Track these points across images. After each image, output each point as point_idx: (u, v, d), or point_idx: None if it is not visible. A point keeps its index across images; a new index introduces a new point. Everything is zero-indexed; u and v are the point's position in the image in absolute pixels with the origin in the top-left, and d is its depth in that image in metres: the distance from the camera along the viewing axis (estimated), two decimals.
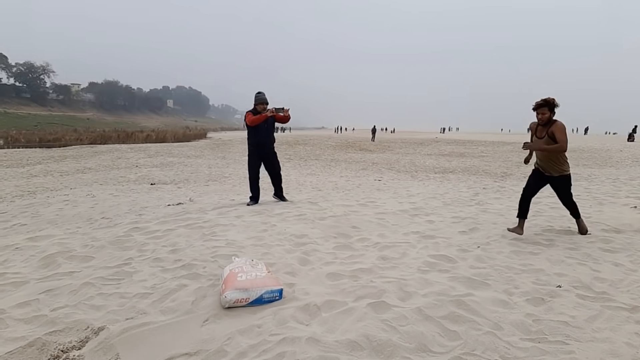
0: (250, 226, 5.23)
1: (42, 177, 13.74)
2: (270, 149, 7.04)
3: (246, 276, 3.08)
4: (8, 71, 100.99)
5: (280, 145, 26.94)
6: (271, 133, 7.04)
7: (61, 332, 2.61)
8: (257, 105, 6.75)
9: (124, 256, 4.15)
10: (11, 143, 32.53)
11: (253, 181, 7.00)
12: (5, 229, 5.81)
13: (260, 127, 6.84)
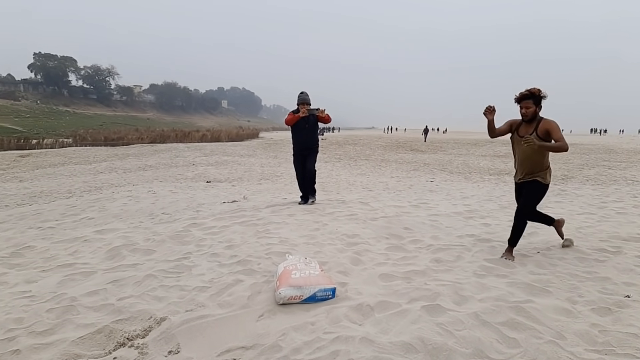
0: (302, 225, 5.30)
1: (107, 173, 14.58)
2: (312, 149, 6.94)
3: (300, 274, 3.13)
4: (77, 74, 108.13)
5: (329, 145, 27.09)
6: (313, 133, 6.92)
7: (127, 321, 2.77)
8: (298, 105, 6.77)
9: (183, 250, 4.33)
10: (79, 141, 34.72)
11: (301, 181, 7.05)
12: (75, 222, 6.22)
13: (301, 127, 6.79)
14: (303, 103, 6.71)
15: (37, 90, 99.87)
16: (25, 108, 79.32)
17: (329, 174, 14.80)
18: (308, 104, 6.73)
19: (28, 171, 15.59)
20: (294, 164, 7.09)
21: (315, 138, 6.97)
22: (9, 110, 73.33)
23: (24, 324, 2.79)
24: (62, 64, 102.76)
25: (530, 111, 3.83)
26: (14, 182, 12.41)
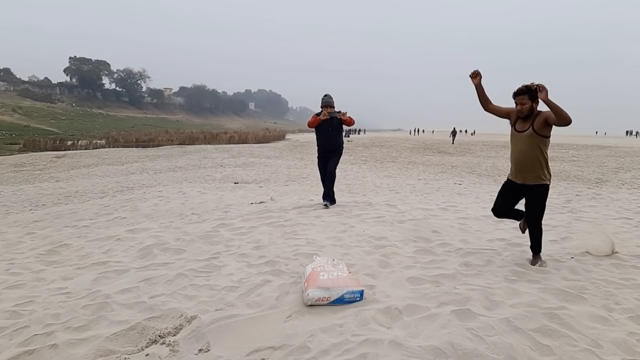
0: (329, 226, 5.30)
1: (138, 174, 14.95)
2: (335, 151, 6.87)
3: (328, 275, 3.13)
4: (110, 77, 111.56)
5: (355, 147, 27.01)
6: (336, 136, 6.85)
7: (158, 319, 2.83)
8: (322, 107, 6.76)
9: (212, 250, 4.40)
10: (111, 143, 35.70)
11: (323, 182, 7.02)
12: (109, 221, 6.40)
13: (325, 129, 6.75)
14: (326, 106, 6.68)
15: (73, 93, 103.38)
16: (61, 110, 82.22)
17: (355, 176, 14.76)
18: (331, 106, 6.69)
19: (64, 171, 16.15)
20: (318, 165, 7.09)
21: (339, 141, 6.91)
22: (45, 112, 76.17)
23: (60, 319, 2.89)
24: (96, 68, 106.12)
25: (526, 107, 3.61)
26: (50, 182, 12.87)
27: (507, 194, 3.97)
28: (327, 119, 6.64)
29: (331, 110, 6.66)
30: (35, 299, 3.31)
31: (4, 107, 71.87)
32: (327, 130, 6.75)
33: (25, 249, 4.99)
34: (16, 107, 74.22)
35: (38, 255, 4.66)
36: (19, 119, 66.98)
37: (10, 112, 70.04)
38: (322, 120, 6.65)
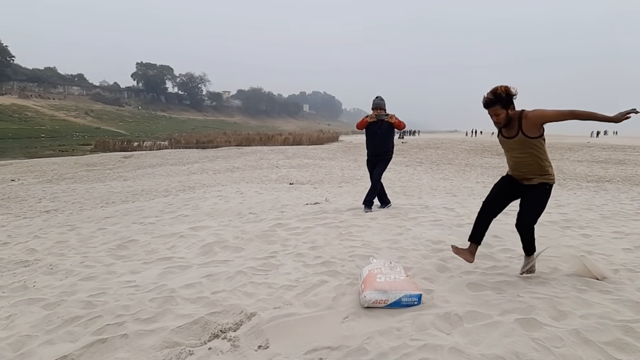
0: (385, 229, 5.26)
1: (199, 174, 15.55)
2: (383, 155, 6.70)
3: (385, 278, 3.10)
4: (173, 81, 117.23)
5: (410, 149, 26.58)
6: (386, 138, 6.66)
7: (220, 314, 2.93)
8: (372, 109, 6.66)
9: (269, 249, 4.50)
10: (174, 144, 37.38)
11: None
12: (172, 218, 6.71)
13: (374, 132, 6.63)
14: (376, 108, 6.56)
15: (139, 97, 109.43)
16: (128, 113, 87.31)
17: (410, 178, 14.53)
18: (381, 108, 6.55)
19: (131, 171, 17.11)
20: (367, 166, 7.00)
21: (388, 145, 6.71)
22: (114, 115, 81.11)
23: (130, 311, 3.06)
24: (160, 72, 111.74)
25: (502, 117, 3.20)
26: (119, 180, 13.68)
27: (504, 189, 3.52)
28: (375, 121, 6.55)
29: (379, 112, 6.56)
30: (107, 291, 3.53)
31: (78, 110, 77.36)
32: (376, 133, 6.63)
33: (97, 243, 5.33)
34: (88, 110, 79.66)
35: (109, 249, 4.97)
36: (90, 121, 71.79)
37: (83, 115, 75.26)
38: (370, 122, 6.59)
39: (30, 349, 2.68)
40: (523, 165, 3.32)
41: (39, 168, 17.86)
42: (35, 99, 79.33)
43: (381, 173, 6.69)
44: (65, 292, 3.59)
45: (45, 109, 72.66)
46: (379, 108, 6.55)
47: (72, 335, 2.80)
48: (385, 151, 6.69)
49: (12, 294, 3.72)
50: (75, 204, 8.85)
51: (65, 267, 4.38)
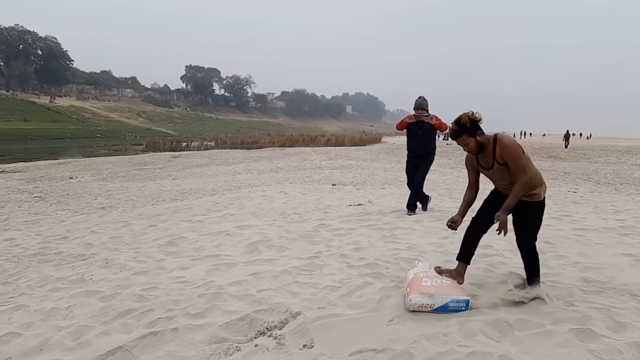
0: (430, 232, 5.17)
1: (244, 174, 15.86)
2: (424, 157, 6.50)
3: (431, 282, 3.05)
4: (220, 83, 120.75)
5: (455, 151, 25.95)
6: (427, 140, 6.46)
7: (266, 312, 2.98)
8: (414, 109, 6.51)
9: (313, 249, 4.53)
10: (220, 144, 38.35)
11: (410, 189, 6.70)
12: (219, 217, 6.88)
13: (415, 133, 6.45)
14: (418, 108, 6.38)
15: (187, 99, 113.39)
16: (177, 115, 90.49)
17: (456, 181, 14.19)
18: (424, 109, 6.37)
19: (179, 170, 17.68)
20: (406, 169, 6.81)
21: (430, 146, 6.52)
22: (164, 116, 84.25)
23: (180, 305, 3.17)
24: (208, 75, 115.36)
25: (472, 146, 3.02)
26: (168, 179, 14.17)
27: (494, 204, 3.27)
28: (415, 122, 6.38)
29: (420, 113, 6.40)
30: (158, 285, 3.67)
31: (130, 112, 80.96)
32: (417, 135, 6.45)
33: (149, 239, 5.55)
34: (140, 111, 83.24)
35: (159, 245, 5.16)
36: (142, 122, 74.93)
37: (136, 116, 78.67)
38: (410, 123, 6.45)
39: (88, 338, 2.83)
40: (509, 190, 3.07)
41: (95, 166, 18.81)
42: (91, 101, 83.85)
43: (424, 176, 6.54)
44: (119, 286, 3.76)
45: (100, 110, 76.60)
46: (420, 108, 6.39)
47: (126, 327, 2.94)
48: (427, 153, 6.52)
49: (71, 286, 3.94)
50: (128, 202, 9.26)
51: (119, 261, 4.59)
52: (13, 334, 2.95)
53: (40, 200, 9.48)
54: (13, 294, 3.83)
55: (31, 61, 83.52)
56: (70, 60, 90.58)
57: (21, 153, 30.75)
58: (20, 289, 3.95)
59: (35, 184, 12.23)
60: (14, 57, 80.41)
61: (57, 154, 30.66)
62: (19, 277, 4.32)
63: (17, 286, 4.05)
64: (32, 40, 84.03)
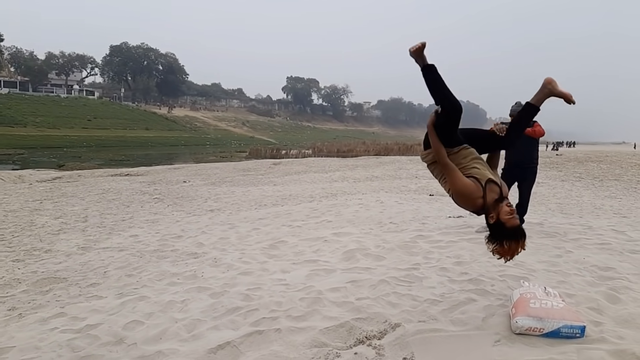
0: (540, 249, 4.80)
1: (340, 182, 16.08)
2: (525, 168, 5.96)
3: (540, 304, 2.83)
4: (318, 93, 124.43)
5: (566, 162, 23.81)
6: (527, 148, 5.88)
7: (364, 320, 3.00)
8: (509, 116, 5.98)
9: (411, 261, 4.44)
10: (317, 152, 39.34)
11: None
12: (317, 223, 7.06)
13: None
14: (512, 115, 5.91)
15: (287, 109, 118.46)
16: (278, 124, 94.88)
17: (568, 194, 13.01)
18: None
19: (279, 177, 18.46)
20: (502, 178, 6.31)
21: (531, 156, 5.97)
22: (266, 125, 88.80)
23: (282, 307, 3.31)
24: (307, 85, 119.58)
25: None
26: (269, 185, 14.86)
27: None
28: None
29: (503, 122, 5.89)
30: (262, 286, 3.86)
31: (236, 121, 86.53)
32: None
33: (253, 241, 5.87)
34: (245, 121, 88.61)
35: (262, 248, 5.43)
36: (246, 131, 79.69)
37: (241, 125, 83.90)
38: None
39: (200, 331, 3.07)
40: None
41: (205, 172, 20.33)
42: (203, 111, 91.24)
43: (530, 190, 6.06)
44: (227, 284, 4.03)
45: (210, 120, 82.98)
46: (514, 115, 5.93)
47: (234, 323, 3.13)
48: (529, 163, 5.98)
49: (185, 281, 4.31)
50: (234, 205, 9.87)
51: (226, 261, 4.92)
52: (137, 322, 3.30)
53: (159, 201, 10.48)
54: (136, 286, 4.29)
55: (153, 75, 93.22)
56: (186, 74, 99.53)
57: (143, 158, 34.39)
58: (143, 282, 4.41)
59: (155, 187, 13.56)
60: (140, 73, 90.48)
61: (172, 159, 33.81)
62: (142, 270, 4.83)
63: (140, 279, 4.52)
64: (155, 56, 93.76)
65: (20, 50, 76.50)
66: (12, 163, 28.69)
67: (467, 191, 2.62)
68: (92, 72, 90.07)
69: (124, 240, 6.29)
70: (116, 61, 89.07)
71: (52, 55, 79.48)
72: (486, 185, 2.63)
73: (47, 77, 78.56)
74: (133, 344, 2.94)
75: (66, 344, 2.98)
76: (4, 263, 5.19)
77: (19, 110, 56.77)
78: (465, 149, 2.77)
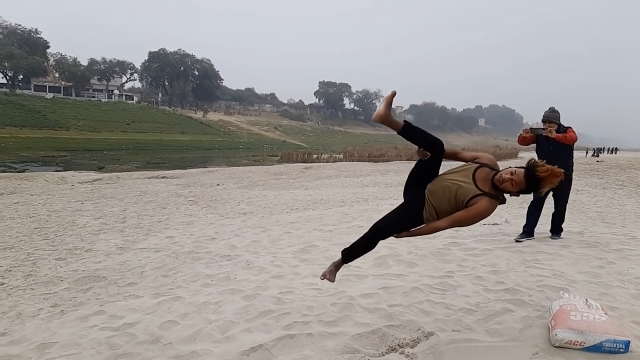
0: (580, 259, 4.63)
1: (371, 187, 15.99)
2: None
3: (581, 317, 2.73)
4: (350, 98, 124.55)
5: (608, 169, 22.86)
6: (561, 156, 5.55)
7: (397, 328, 2.97)
8: (542, 122, 5.73)
9: (445, 268, 4.37)
10: (348, 157, 39.27)
11: (530, 209, 5.96)
12: (348, 228, 7.04)
13: (543, 148, 5.70)
14: (546, 121, 5.63)
15: (319, 113, 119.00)
16: (310, 128, 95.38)
17: (609, 203, 12.46)
18: (551, 122, 5.58)
19: (311, 181, 18.51)
20: None
21: (565, 163, 5.51)
22: (298, 129, 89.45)
23: (314, 312, 3.32)
24: (339, 90, 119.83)
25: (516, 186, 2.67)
26: (301, 189, 14.92)
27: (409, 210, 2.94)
28: (542, 136, 5.58)
29: (533, 127, 5.65)
30: (294, 290, 3.88)
31: (269, 125, 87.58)
32: (548, 150, 5.66)
33: (284, 245, 5.91)
34: (277, 125, 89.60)
35: (294, 252, 5.46)
36: (279, 135, 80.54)
37: (273, 130, 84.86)
38: (538, 137, 5.67)
39: (233, 333, 3.12)
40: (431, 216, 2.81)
41: (238, 175, 20.63)
42: (236, 116, 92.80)
43: (567, 198, 5.86)
44: (259, 287, 4.07)
45: (243, 124, 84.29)
46: (548, 121, 5.63)
47: (266, 326, 3.16)
48: (563, 169, 5.74)
49: (218, 283, 4.38)
50: (266, 209, 9.97)
51: (259, 264, 4.97)
52: (172, 322, 3.38)
53: (193, 203, 10.70)
54: (172, 286, 4.39)
55: (189, 81, 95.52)
56: (220, 79, 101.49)
57: (178, 161, 35.22)
58: (178, 282, 4.51)
59: (190, 189, 13.85)
60: (176, 78, 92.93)
61: (206, 162, 34.50)
62: (177, 271, 4.93)
63: (175, 279, 4.63)
64: (191, 62, 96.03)
65: (65, 57, 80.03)
66: (55, 165, 29.91)
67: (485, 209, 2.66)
68: (132, 78, 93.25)
69: (160, 241, 6.45)
70: (154, 67, 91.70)
71: (94, 62, 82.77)
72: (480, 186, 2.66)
73: (90, 82, 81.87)
74: (168, 344, 3.02)
75: (105, 341, 3.09)
76: (48, 261, 5.41)
77: (63, 114, 59.25)
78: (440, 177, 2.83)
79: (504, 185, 2.60)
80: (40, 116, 56.10)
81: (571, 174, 5.87)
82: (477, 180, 2.64)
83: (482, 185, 2.65)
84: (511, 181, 2.59)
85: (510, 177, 2.59)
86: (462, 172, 2.72)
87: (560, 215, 5.86)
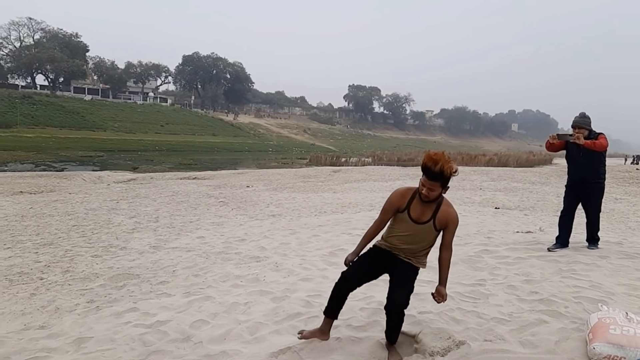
0: (620, 270, 4.45)
1: None
2: (589, 183, 5.43)
3: (621, 330, 2.62)
4: (379, 101, 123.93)
5: None
6: (591, 163, 5.37)
7: (427, 335, 2.93)
8: (572, 127, 5.49)
9: (476, 276, 4.29)
10: (376, 161, 39.10)
11: (561, 219, 5.70)
12: None
13: (573, 155, 5.47)
14: (575, 127, 5.36)
15: (348, 117, 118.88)
16: (338, 132, 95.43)
17: None
18: (581, 128, 5.31)
19: (339, 184, 18.51)
20: (564, 197, 5.78)
21: (595, 171, 5.42)
22: (327, 133, 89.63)
23: (343, 316, 3.27)
24: (369, 94, 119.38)
25: (434, 194, 2.77)
26: (329, 192, 14.94)
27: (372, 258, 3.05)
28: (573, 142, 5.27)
29: (561, 133, 5.45)
30: (322, 294, 3.88)
31: (298, 128, 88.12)
32: (577, 157, 5.43)
33: (312, 248, 5.92)
34: (306, 128, 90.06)
35: (322, 255, 5.47)
36: (308, 138, 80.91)
37: (302, 133, 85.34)
38: (567, 143, 5.46)
39: (262, 334, 3.14)
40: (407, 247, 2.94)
41: (267, 177, 20.85)
42: (266, 118, 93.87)
43: (599, 207, 5.58)
44: (288, 289, 4.09)
45: (273, 127, 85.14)
46: (577, 127, 5.36)
47: (295, 329, 3.18)
48: (594, 177, 5.44)
49: (247, 284, 4.43)
50: (294, 211, 10.03)
51: (287, 266, 5.00)
52: (203, 321, 3.44)
53: (224, 205, 10.87)
54: (202, 286, 4.47)
55: (221, 84, 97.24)
56: (251, 83, 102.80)
57: (209, 162, 35.88)
58: (208, 282, 4.59)
59: (220, 190, 14.08)
60: (209, 81, 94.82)
61: (236, 164, 35.01)
62: (207, 271, 5.02)
63: (206, 279, 4.71)
64: (223, 66, 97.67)
65: (103, 60, 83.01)
66: (92, 164, 30.99)
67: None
68: (166, 81, 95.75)
69: (192, 241, 6.58)
70: (188, 70, 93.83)
71: (130, 65, 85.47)
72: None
73: (126, 84, 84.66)
74: (199, 343, 3.07)
75: (138, 338, 3.17)
76: (84, 258, 5.60)
77: (100, 116, 61.38)
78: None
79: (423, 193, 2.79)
80: (79, 117, 58.30)
81: (602, 183, 5.55)
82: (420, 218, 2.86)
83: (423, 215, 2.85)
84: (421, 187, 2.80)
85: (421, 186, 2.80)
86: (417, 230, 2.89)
87: (593, 224, 5.62)
